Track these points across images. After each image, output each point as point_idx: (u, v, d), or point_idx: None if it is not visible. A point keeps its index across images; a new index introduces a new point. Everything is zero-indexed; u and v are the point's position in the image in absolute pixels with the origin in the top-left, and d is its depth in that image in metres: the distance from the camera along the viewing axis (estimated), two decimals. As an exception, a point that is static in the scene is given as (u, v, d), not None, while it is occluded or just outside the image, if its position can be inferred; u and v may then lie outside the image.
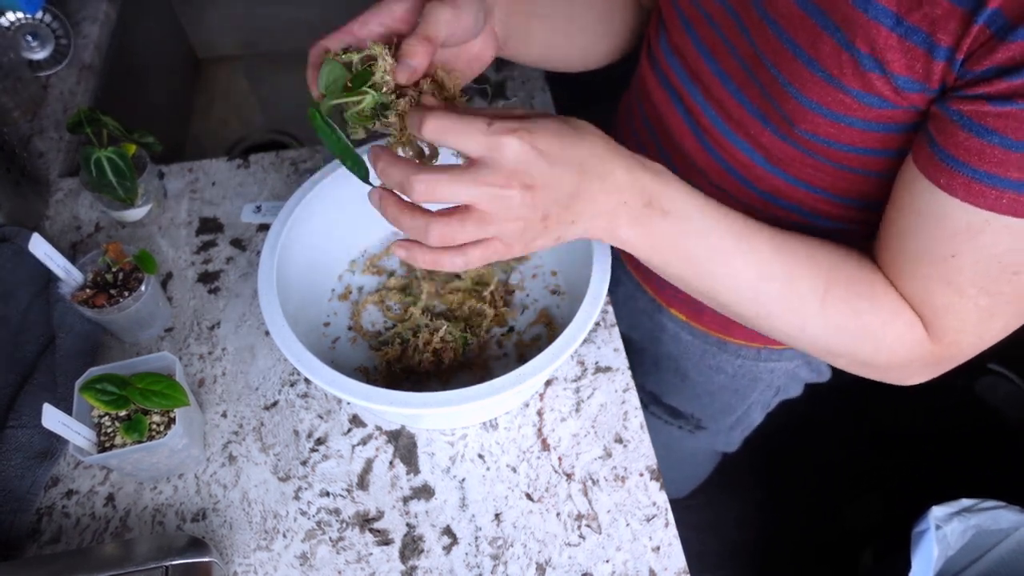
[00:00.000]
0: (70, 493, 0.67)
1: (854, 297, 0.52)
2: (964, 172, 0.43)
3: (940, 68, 0.42)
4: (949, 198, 0.45)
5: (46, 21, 1.00)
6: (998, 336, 0.50)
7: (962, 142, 0.43)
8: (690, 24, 0.59)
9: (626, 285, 0.86)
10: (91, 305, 0.69)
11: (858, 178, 0.55)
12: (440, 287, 0.75)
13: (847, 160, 0.53)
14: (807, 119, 0.51)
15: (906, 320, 0.52)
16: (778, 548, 1.52)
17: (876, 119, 0.48)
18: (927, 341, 0.52)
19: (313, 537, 0.64)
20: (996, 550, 1.09)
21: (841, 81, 0.46)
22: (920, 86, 0.44)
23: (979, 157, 0.42)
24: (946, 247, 0.47)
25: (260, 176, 0.89)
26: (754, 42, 0.52)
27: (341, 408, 0.71)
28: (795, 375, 0.84)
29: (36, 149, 0.93)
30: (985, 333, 0.50)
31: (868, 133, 0.50)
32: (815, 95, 0.49)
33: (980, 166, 0.42)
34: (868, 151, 0.52)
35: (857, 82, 0.46)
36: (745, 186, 0.61)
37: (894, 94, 0.45)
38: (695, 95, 0.61)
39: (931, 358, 0.53)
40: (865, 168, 0.53)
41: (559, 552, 0.63)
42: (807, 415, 1.44)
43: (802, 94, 0.49)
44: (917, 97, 0.45)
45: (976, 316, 0.49)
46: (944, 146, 0.44)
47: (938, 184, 0.45)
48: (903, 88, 0.45)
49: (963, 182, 0.43)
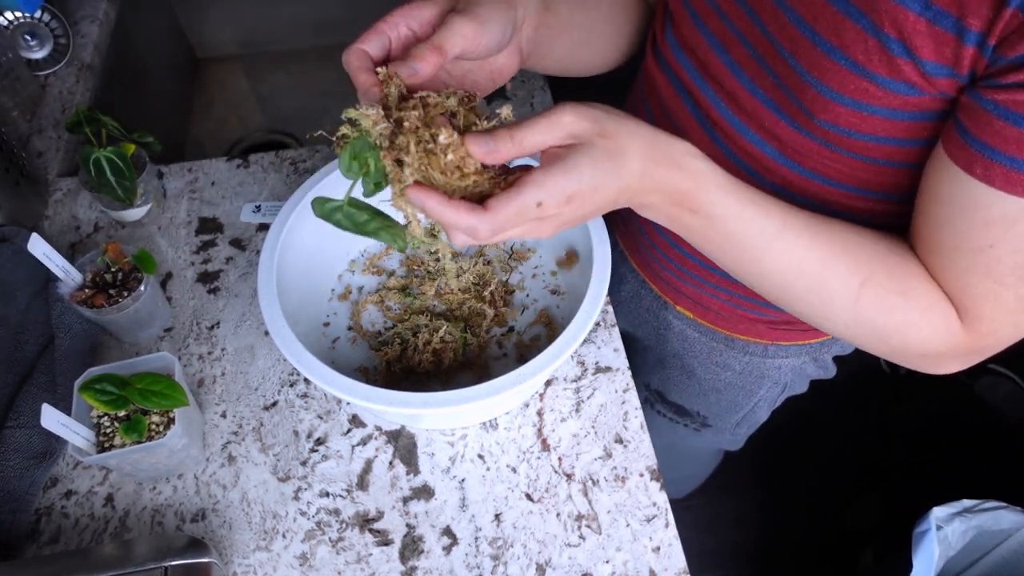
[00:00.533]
0: (69, 493, 0.67)
1: (889, 294, 0.52)
2: (1001, 161, 0.43)
3: (970, 53, 0.42)
4: (986, 187, 0.44)
5: (45, 20, 1.00)
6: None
7: (999, 131, 0.42)
8: (699, 17, 0.59)
9: (631, 283, 0.86)
10: (90, 305, 0.69)
11: (878, 168, 0.54)
12: (440, 287, 0.75)
13: (867, 150, 0.53)
14: (828, 109, 0.50)
15: (941, 312, 0.51)
16: (778, 548, 1.52)
17: (901, 107, 0.48)
18: (961, 332, 0.51)
19: (313, 537, 0.64)
20: (997, 551, 1.09)
21: (867, 68, 0.46)
22: (949, 71, 0.44)
23: (1017, 145, 0.42)
24: (983, 237, 0.46)
25: (260, 176, 0.89)
26: (769, 32, 0.52)
27: (341, 408, 0.71)
28: (802, 371, 0.84)
29: (35, 149, 0.93)
30: (1021, 322, 0.50)
31: (892, 122, 0.49)
32: (836, 84, 0.48)
33: (1018, 154, 0.42)
34: (891, 140, 0.51)
35: (884, 68, 0.45)
36: (757, 180, 0.60)
37: (922, 80, 0.45)
38: (705, 89, 0.61)
39: (964, 348, 0.53)
40: (887, 158, 0.53)
41: (559, 552, 0.63)
42: (807, 415, 1.44)
43: (822, 83, 0.49)
44: (945, 83, 0.45)
45: (1015, 305, 0.48)
46: (979, 136, 0.44)
47: (974, 174, 0.45)
48: (931, 74, 0.44)
49: (1002, 171, 0.43)
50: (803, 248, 0.52)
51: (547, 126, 0.45)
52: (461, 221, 0.45)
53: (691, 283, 0.75)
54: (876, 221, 0.58)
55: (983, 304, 0.49)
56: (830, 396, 1.26)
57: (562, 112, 0.45)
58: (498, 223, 0.44)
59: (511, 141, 0.45)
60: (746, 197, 0.51)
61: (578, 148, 0.45)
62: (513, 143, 0.45)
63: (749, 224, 0.51)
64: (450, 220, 0.45)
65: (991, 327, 0.50)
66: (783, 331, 0.75)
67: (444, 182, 0.46)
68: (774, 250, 0.52)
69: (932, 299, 0.51)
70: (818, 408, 1.45)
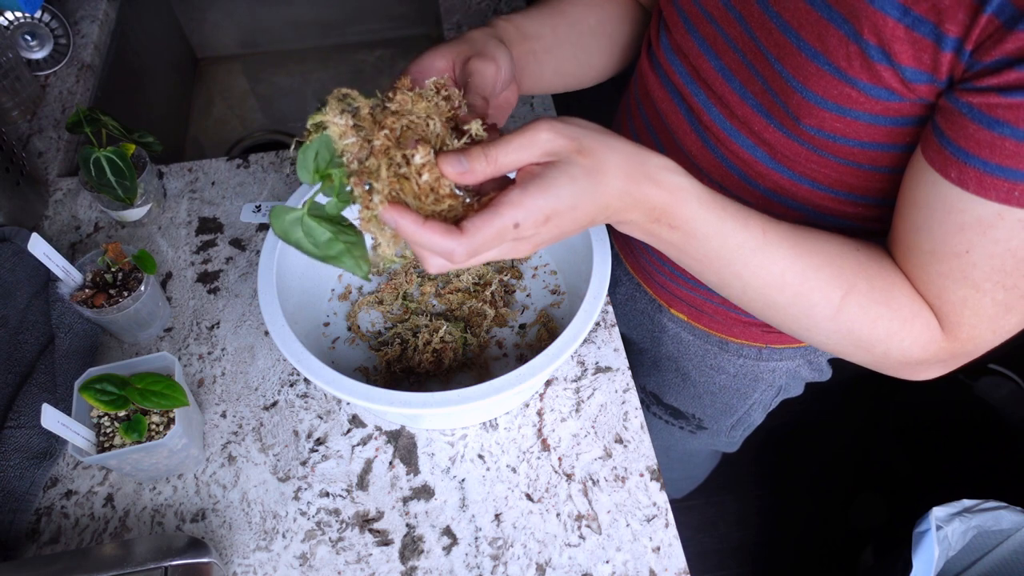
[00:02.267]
0: (69, 493, 0.67)
1: (872, 304, 0.52)
2: (975, 165, 0.43)
3: (948, 59, 0.42)
4: (961, 192, 0.44)
5: (45, 20, 1.00)
6: (1013, 330, 0.50)
7: (972, 135, 0.42)
8: (691, 23, 0.59)
9: (625, 286, 0.86)
10: (90, 305, 0.69)
11: (864, 173, 0.54)
12: (440, 287, 0.75)
13: (852, 155, 0.53)
14: (812, 114, 0.51)
15: (923, 321, 0.51)
16: (778, 548, 1.52)
17: (883, 112, 0.48)
18: (942, 339, 0.51)
19: (313, 537, 0.64)
20: (997, 551, 1.09)
21: (848, 73, 0.46)
22: (928, 77, 0.44)
23: (990, 149, 0.42)
24: (959, 242, 0.46)
25: (260, 176, 0.89)
26: (756, 37, 0.52)
27: (341, 408, 0.71)
28: (796, 374, 0.84)
29: (35, 149, 0.93)
30: (1000, 328, 0.50)
31: (875, 127, 0.50)
32: (820, 89, 0.49)
33: (991, 158, 0.42)
34: (874, 145, 0.51)
35: (864, 74, 0.46)
36: (748, 184, 0.61)
37: (902, 86, 0.45)
38: (697, 94, 0.61)
39: (945, 354, 0.52)
40: (872, 163, 0.53)
41: (559, 552, 0.63)
42: (807, 415, 1.44)
43: (806, 88, 0.49)
44: (925, 89, 0.45)
45: (992, 311, 0.48)
46: (954, 139, 0.44)
47: (948, 178, 0.45)
48: (911, 80, 0.44)
49: (975, 175, 0.43)
50: (784, 260, 0.51)
51: (523, 144, 0.43)
52: (436, 244, 0.42)
53: (685, 287, 0.75)
54: (866, 226, 0.58)
55: (961, 310, 0.49)
56: (830, 396, 1.26)
57: (538, 129, 0.43)
58: (475, 245, 0.43)
59: (485, 160, 0.43)
60: (726, 211, 0.50)
61: (556, 166, 0.44)
62: (488, 162, 0.43)
63: (729, 238, 0.50)
64: (425, 242, 0.43)
65: (970, 333, 0.50)
66: (777, 334, 0.75)
67: (417, 207, 0.43)
68: (755, 263, 0.51)
69: (914, 309, 0.51)
70: (818, 408, 1.45)
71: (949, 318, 0.50)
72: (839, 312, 0.52)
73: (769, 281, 0.52)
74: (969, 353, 0.52)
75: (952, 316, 0.50)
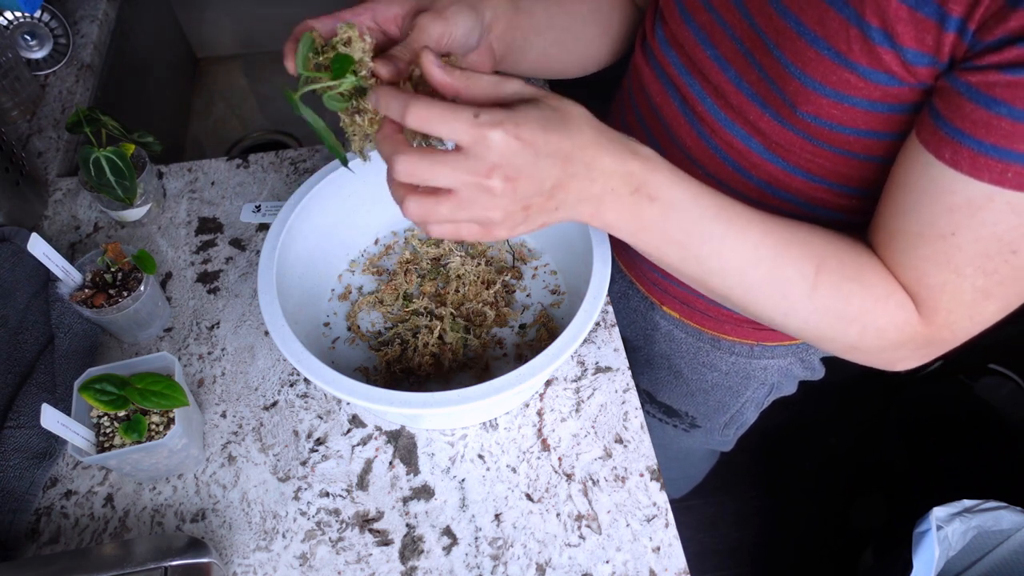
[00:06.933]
0: (69, 493, 0.67)
1: (844, 281, 0.52)
2: (970, 145, 0.43)
3: (951, 40, 0.42)
4: (953, 172, 0.44)
5: (44, 20, 1.00)
6: (991, 320, 0.50)
7: (969, 114, 0.42)
8: (688, 12, 0.59)
9: (618, 283, 0.86)
10: (90, 305, 0.69)
11: (859, 163, 0.54)
12: (440, 287, 0.75)
13: (848, 144, 0.53)
14: (809, 100, 0.50)
15: (897, 301, 0.51)
16: (778, 548, 1.52)
17: (881, 98, 0.48)
18: (918, 323, 0.51)
19: (313, 537, 0.64)
20: (997, 551, 1.09)
21: (848, 58, 0.46)
22: (930, 59, 0.44)
23: (986, 129, 0.42)
24: (946, 224, 0.46)
25: (260, 176, 0.89)
26: (755, 23, 0.52)
27: (341, 408, 0.71)
28: (789, 372, 0.84)
29: (35, 149, 0.93)
30: (978, 315, 0.49)
31: (872, 114, 0.49)
32: (819, 75, 0.48)
33: (986, 138, 0.42)
34: (871, 134, 0.51)
35: (865, 58, 0.46)
36: (742, 175, 0.61)
37: (902, 69, 0.45)
38: (692, 84, 0.61)
39: (922, 340, 0.52)
40: (867, 152, 0.53)
41: (559, 553, 0.63)
42: (807, 415, 1.44)
43: (805, 74, 0.49)
44: (925, 72, 0.45)
45: (971, 296, 0.48)
46: (950, 119, 0.44)
47: (942, 158, 0.45)
48: (912, 62, 0.44)
49: (969, 155, 0.43)
50: (757, 232, 0.51)
51: (497, 79, 0.45)
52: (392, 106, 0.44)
53: (677, 283, 0.75)
54: (857, 219, 0.58)
55: (940, 295, 0.49)
56: (830, 396, 1.26)
57: (512, 78, 0.45)
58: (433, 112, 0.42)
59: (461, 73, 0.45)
60: (694, 181, 0.50)
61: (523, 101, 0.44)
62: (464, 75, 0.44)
63: (706, 208, 0.50)
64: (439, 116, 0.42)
65: (947, 319, 0.50)
66: (768, 331, 0.75)
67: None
68: (731, 235, 0.51)
69: (888, 288, 0.51)
70: (818, 408, 1.45)
71: (927, 303, 0.50)
72: (815, 289, 0.52)
73: (745, 256, 0.52)
74: (947, 341, 0.52)
75: (930, 301, 0.50)
